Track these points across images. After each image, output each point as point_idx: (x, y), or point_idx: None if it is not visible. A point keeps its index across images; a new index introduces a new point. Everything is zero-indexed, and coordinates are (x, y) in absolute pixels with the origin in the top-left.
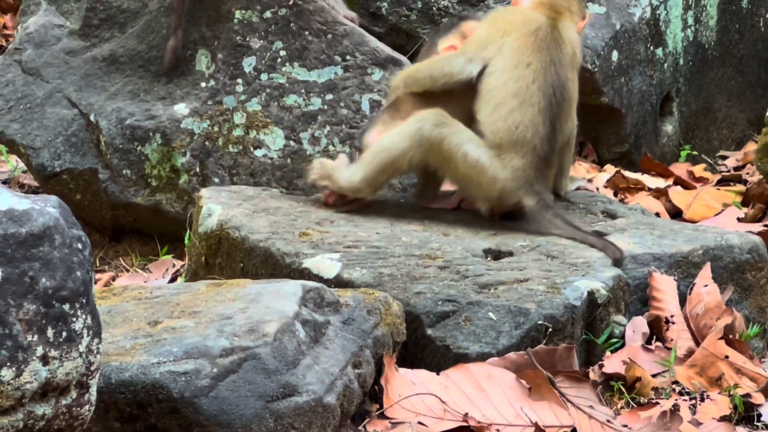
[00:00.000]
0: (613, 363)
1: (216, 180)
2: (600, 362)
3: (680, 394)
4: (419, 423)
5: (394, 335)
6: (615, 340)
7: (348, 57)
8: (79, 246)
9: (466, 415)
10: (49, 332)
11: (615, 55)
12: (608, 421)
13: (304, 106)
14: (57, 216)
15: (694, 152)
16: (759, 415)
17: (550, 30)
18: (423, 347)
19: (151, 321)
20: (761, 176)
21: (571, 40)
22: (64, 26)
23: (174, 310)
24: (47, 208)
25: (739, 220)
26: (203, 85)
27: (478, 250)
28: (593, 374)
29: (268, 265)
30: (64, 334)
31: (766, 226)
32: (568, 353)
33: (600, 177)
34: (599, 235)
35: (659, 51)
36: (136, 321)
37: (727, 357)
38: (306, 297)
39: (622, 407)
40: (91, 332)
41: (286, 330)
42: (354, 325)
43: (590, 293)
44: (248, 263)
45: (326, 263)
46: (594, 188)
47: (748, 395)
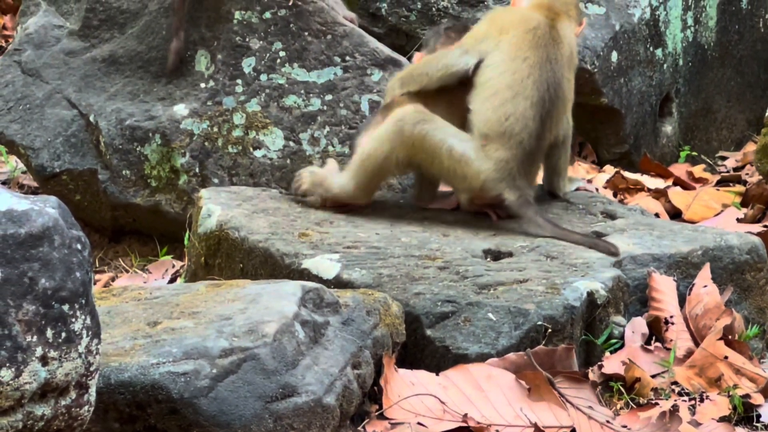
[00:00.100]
0: (612, 364)
1: (215, 180)
2: (599, 363)
3: (679, 394)
4: (419, 423)
5: (393, 336)
6: (614, 340)
7: (347, 58)
8: (79, 246)
9: (465, 415)
10: (49, 333)
11: (614, 56)
12: (607, 421)
13: (303, 107)
14: (56, 216)
15: (694, 153)
16: (758, 416)
17: (548, 29)
18: (422, 348)
19: (150, 322)
20: (761, 177)
21: (568, 40)
22: (63, 27)
23: (173, 311)
24: (47, 209)
25: (739, 220)
26: (203, 85)
27: (477, 251)
28: (593, 375)
29: (267, 265)
30: (63, 334)
31: (765, 226)
32: (567, 354)
33: (599, 177)
34: (598, 235)
35: (659, 52)
36: (135, 322)
37: (726, 358)
38: (305, 297)
39: (621, 408)
40: (90, 333)
41: (285, 330)
42: (353, 325)
43: (589, 294)
44: (248, 264)
45: (326, 264)
46: (593, 189)
47: (747, 396)
